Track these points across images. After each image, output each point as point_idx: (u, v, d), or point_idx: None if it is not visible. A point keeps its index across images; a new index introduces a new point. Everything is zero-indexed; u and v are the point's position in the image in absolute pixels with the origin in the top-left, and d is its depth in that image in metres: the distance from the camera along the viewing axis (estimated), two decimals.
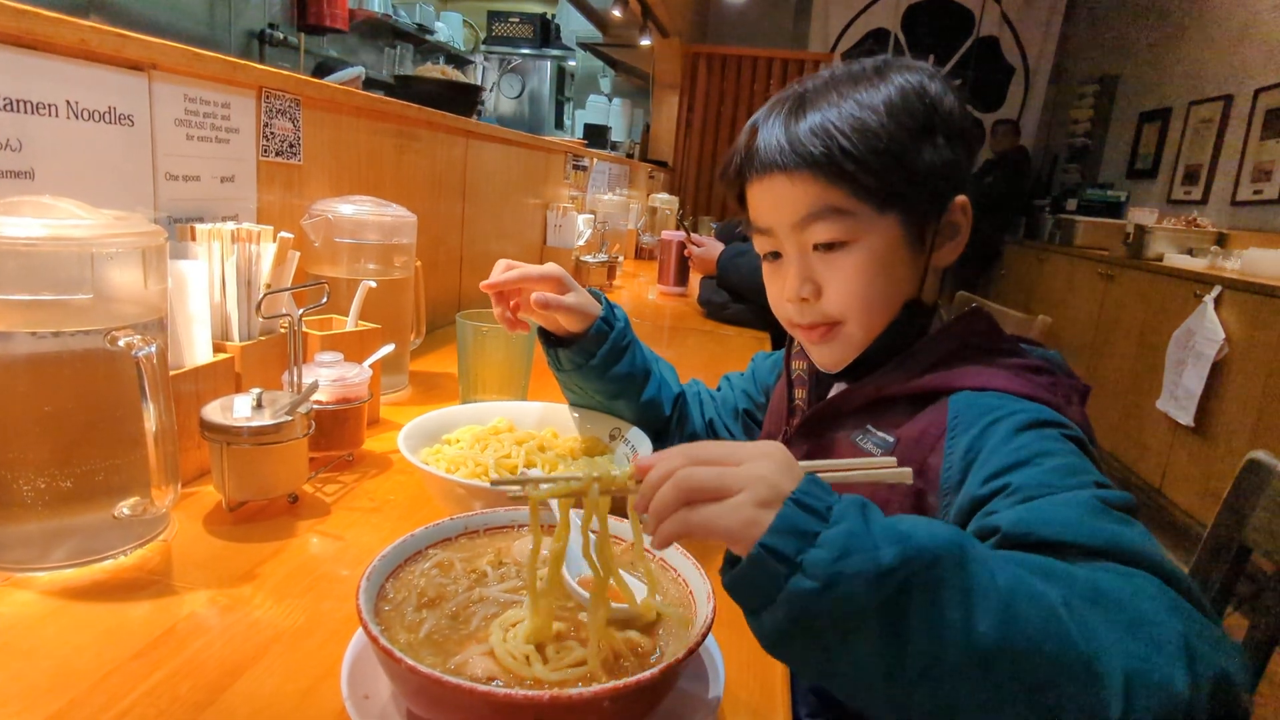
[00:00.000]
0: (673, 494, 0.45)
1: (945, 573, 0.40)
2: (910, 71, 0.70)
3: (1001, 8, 6.01)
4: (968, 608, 0.40)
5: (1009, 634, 0.39)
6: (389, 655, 0.39)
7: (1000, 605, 0.40)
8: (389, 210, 1.13)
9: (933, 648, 0.39)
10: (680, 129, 5.39)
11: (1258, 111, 3.88)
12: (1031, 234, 5.52)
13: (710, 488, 0.45)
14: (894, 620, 0.39)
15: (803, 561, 0.41)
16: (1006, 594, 0.40)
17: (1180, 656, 0.40)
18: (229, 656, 0.53)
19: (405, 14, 5.37)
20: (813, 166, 0.67)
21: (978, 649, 0.39)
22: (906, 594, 0.40)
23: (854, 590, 0.39)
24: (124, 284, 0.61)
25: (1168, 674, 0.39)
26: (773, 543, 0.41)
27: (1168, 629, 0.41)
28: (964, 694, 0.39)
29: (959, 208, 0.71)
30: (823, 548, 0.41)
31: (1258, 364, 2.71)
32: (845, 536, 0.41)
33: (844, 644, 0.40)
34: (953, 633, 0.39)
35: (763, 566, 0.41)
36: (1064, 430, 0.59)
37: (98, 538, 0.63)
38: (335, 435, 0.85)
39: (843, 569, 0.40)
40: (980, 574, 0.41)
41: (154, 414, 0.59)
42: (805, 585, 0.40)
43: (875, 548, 0.40)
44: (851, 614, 0.40)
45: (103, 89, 0.80)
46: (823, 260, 0.70)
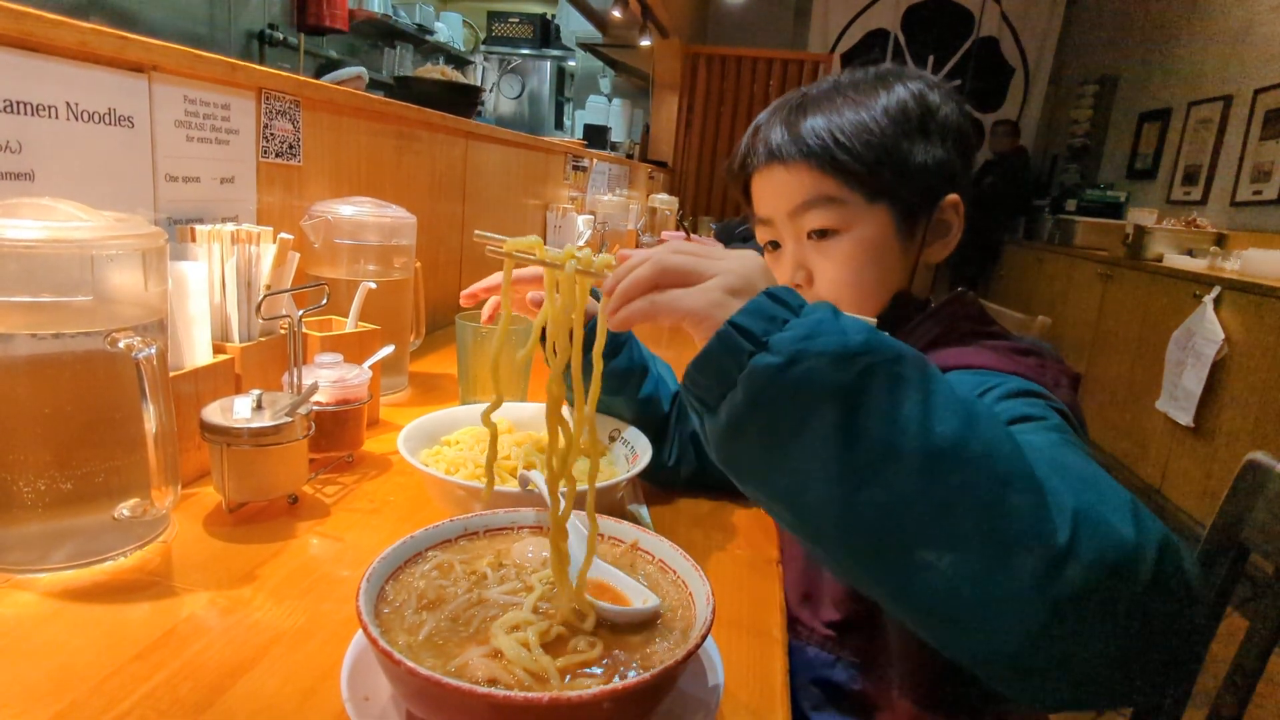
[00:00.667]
0: (646, 273, 0.46)
1: (908, 370, 0.40)
2: (912, 81, 0.75)
3: (1001, 8, 6.01)
4: (927, 406, 0.39)
5: (965, 439, 0.39)
6: (389, 657, 0.40)
7: (960, 412, 0.40)
8: (389, 211, 1.13)
9: (887, 439, 0.39)
10: (680, 129, 5.39)
11: (1257, 112, 3.88)
12: (1031, 234, 5.52)
13: (684, 270, 0.46)
14: (852, 406, 0.39)
15: (769, 340, 0.41)
16: (967, 405, 0.40)
17: (1128, 513, 0.40)
18: (229, 658, 0.53)
19: (405, 14, 5.38)
20: (808, 157, 0.72)
21: (933, 447, 0.38)
22: (868, 380, 0.39)
23: (816, 369, 0.39)
24: (124, 286, 0.62)
25: (1116, 522, 0.39)
26: (742, 321, 0.42)
27: (1117, 494, 0.42)
28: (912, 495, 0.39)
29: (950, 206, 0.75)
30: (790, 330, 0.41)
31: (1257, 364, 2.72)
32: (814, 323, 0.41)
33: (798, 430, 0.40)
34: (910, 426, 0.39)
35: (729, 342, 0.42)
36: (1049, 402, 0.59)
37: (98, 539, 0.63)
38: (335, 436, 0.85)
39: (807, 347, 0.40)
40: (943, 383, 0.41)
41: (154, 415, 0.59)
42: (768, 360, 0.40)
43: (843, 333, 0.41)
44: (811, 394, 0.39)
45: (103, 90, 0.80)
46: (816, 248, 0.74)
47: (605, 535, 0.58)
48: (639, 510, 0.80)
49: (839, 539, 0.41)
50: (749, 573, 0.72)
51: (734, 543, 0.77)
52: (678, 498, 0.86)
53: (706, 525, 0.81)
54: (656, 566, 0.55)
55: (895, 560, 0.40)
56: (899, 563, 0.40)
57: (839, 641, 0.73)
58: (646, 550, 0.56)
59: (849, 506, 0.40)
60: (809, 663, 0.73)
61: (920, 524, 0.39)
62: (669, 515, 0.82)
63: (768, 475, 0.43)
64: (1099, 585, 0.38)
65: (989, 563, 0.38)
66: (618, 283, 0.47)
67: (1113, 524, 0.39)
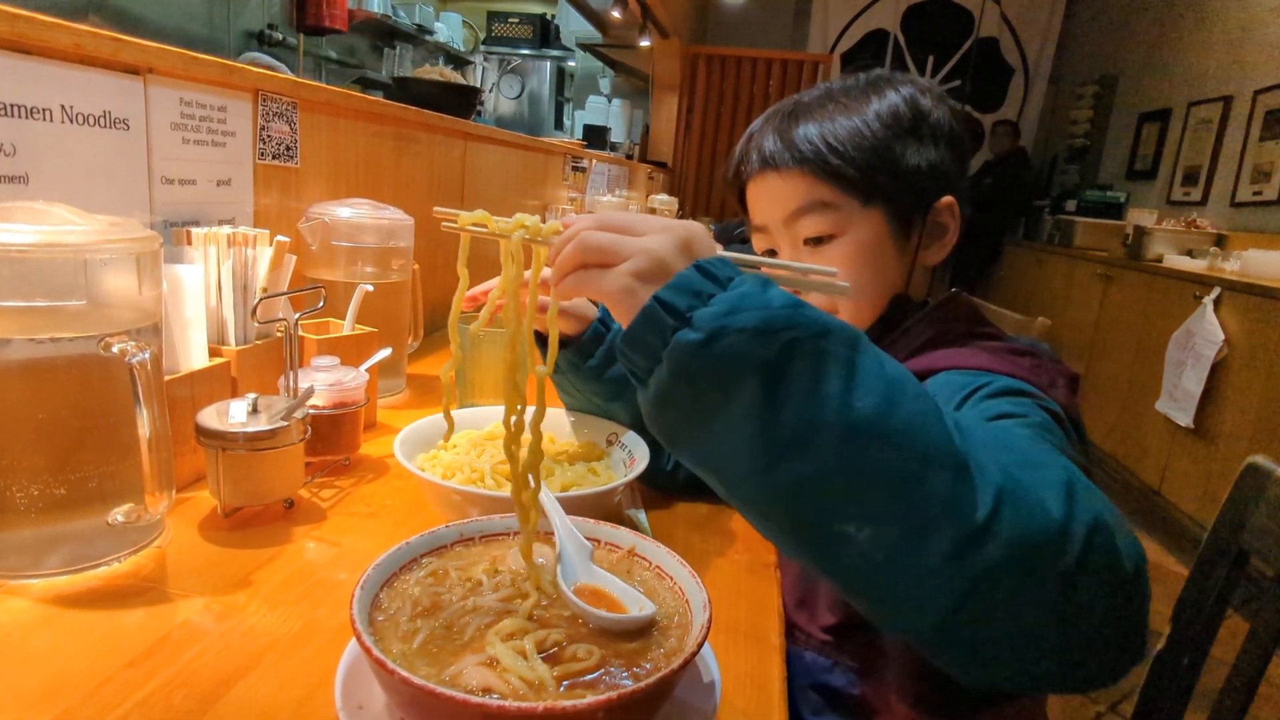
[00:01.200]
0: (572, 252, 0.48)
1: (833, 345, 0.40)
2: (904, 85, 0.75)
3: (1001, 9, 6.01)
4: (849, 382, 0.39)
5: (886, 415, 0.39)
6: (382, 666, 0.39)
7: (883, 388, 0.40)
8: (386, 213, 1.13)
9: (807, 415, 0.39)
10: (680, 130, 5.39)
11: (1257, 113, 3.88)
12: (1030, 235, 5.52)
13: (602, 249, 0.47)
14: (773, 380, 0.39)
15: (692, 316, 0.41)
16: (893, 382, 0.41)
17: (1061, 491, 0.40)
18: (223, 664, 0.52)
19: (405, 14, 5.37)
20: (802, 164, 0.72)
21: (852, 422, 0.39)
22: (789, 356, 0.39)
23: (737, 344, 0.40)
24: (118, 290, 0.61)
25: (1043, 500, 0.39)
26: (667, 296, 0.42)
27: (1052, 470, 0.41)
28: (830, 469, 0.39)
29: (946, 208, 0.75)
30: (714, 305, 0.41)
31: (1257, 365, 2.71)
32: (738, 298, 0.41)
33: (721, 404, 0.40)
34: (830, 401, 0.39)
35: (653, 319, 0.42)
36: (1039, 401, 0.59)
37: (92, 544, 0.63)
38: (332, 440, 0.85)
39: (729, 323, 0.40)
40: (870, 360, 0.41)
41: (148, 420, 0.59)
42: (690, 336, 0.41)
43: (766, 306, 0.41)
44: (732, 369, 0.40)
45: (98, 93, 0.79)
46: (812, 253, 0.75)
47: (602, 541, 0.57)
48: (637, 515, 0.80)
49: (762, 511, 0.42)
50: (747, 577, 0.71)
51: (732, 547, 0.77)
52: (676, 502, 0.85)
53: (704, 529, 0.80)
54: (653, 573, 0.54)
55: (815, 534, 0.40)
56: (819, 536, 0.40)
57: (836, 646, 0.73)
58: (643, 556, 0.56)
59: (769, 480, 0.40)
60: (807, 668, 0.73)
61: (839, 498, 0.39)
62: (667, 519, 0.82)
63: (693, 446, 0.43)
64: (1018, 563, 0.38)
65: (905, 538, 0.38)
66: (557, 254, 0.49)
67: (1040, 502, 0.39)
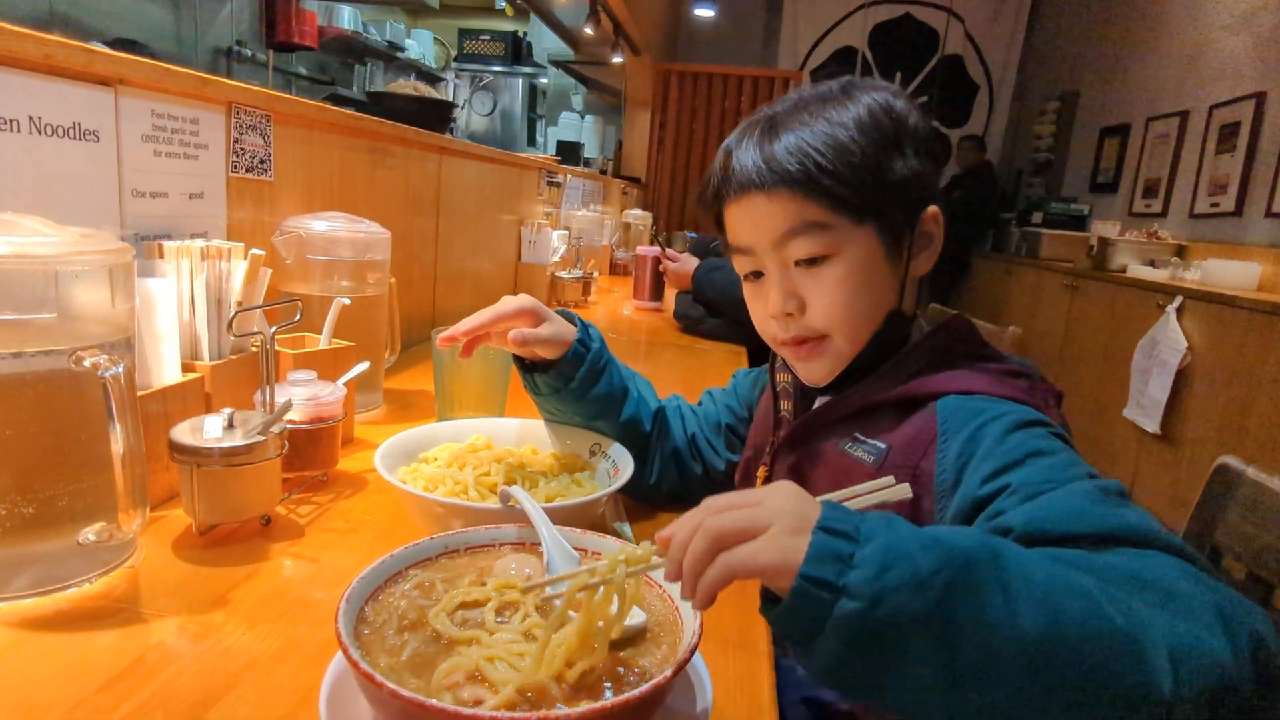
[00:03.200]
0: (704, 544, 0.45)
1: (983, 573, 0.41)
2: (876, 90, 0.73)
3: (965, 27, 6.15)
4: (1010, 604, 0.40)
5: (1054, 624, 0.40)
6: (370, 680, 0.38)
7: (1041, 597, 0.41)
8: (362, 226, 1.12)
9: (984, 646, 0.40)
10: (652, 146, 5.43)
11: (1212, 127, 4.00)
12: (999, 247, 5.62)
13: (740, 529, 0.44)
14: (943, 625, 0.40)
15: (845, 585, 0.41)
16: (1044, 587, 0.41)
17: (1218, 625, 0.41)
18: (200, 686, 0.51)
19: (375, 31, 5.37)
20: (790, 184, 0.68)
21: (1027, 642, 0.39)
22: (951, 598, 0.40)
23: (900, 603, 0.40)
24: (89, 303, 0.60)
25: (1210, 644, 0.40)
26: (812, 571, 0.41)
27: (1199, 600, 0.42)
28: (1019, 688, 0.40)
29: (931, 218, 0.73)
30: (861, 568, 0.41)
31: (1219, 371, 2.78)
32: (881, 552, 0.41)
33: (898, 659, 0.40)
34: (1001, 629, 0.40)
35: (807, 597, 0.41)
36: (1050, 429, 0.61)
37: (61, 565, 0.61)
38: (309, 455, 0.83)
39: (885, 583, 0.40)
40: (1015, 571, 0.42)
41: (121, 436, 0.57)
42: (852, 607, 0.40)
43: (911, 557, 0.41)
44: (901, 626, 0.40)
45: (67, 104, 0.78)
46: (805, 275, 0.71)
47: (589, 550, 0.57)
48: (621, 526, 0.80)
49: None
50: (734, 586, 0.71)
51: None
52: (659, 513, 0.85)
53: None
54: (642, 581, 0.54)
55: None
56: None
57: None
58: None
59: (962, 710, 0.41)
60: (796, 681, 0.72)
61: (1035, 710, 0.40)
62: (651, 530, 0.80)
63: (877, 699, 0.43)
64: (1212, 713, 0.39)
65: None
66: (678, 566, 0.46)
67: (1209, 650, 0.40)
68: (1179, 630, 0.41)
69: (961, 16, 6.13)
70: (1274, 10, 3.65)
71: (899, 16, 6.20)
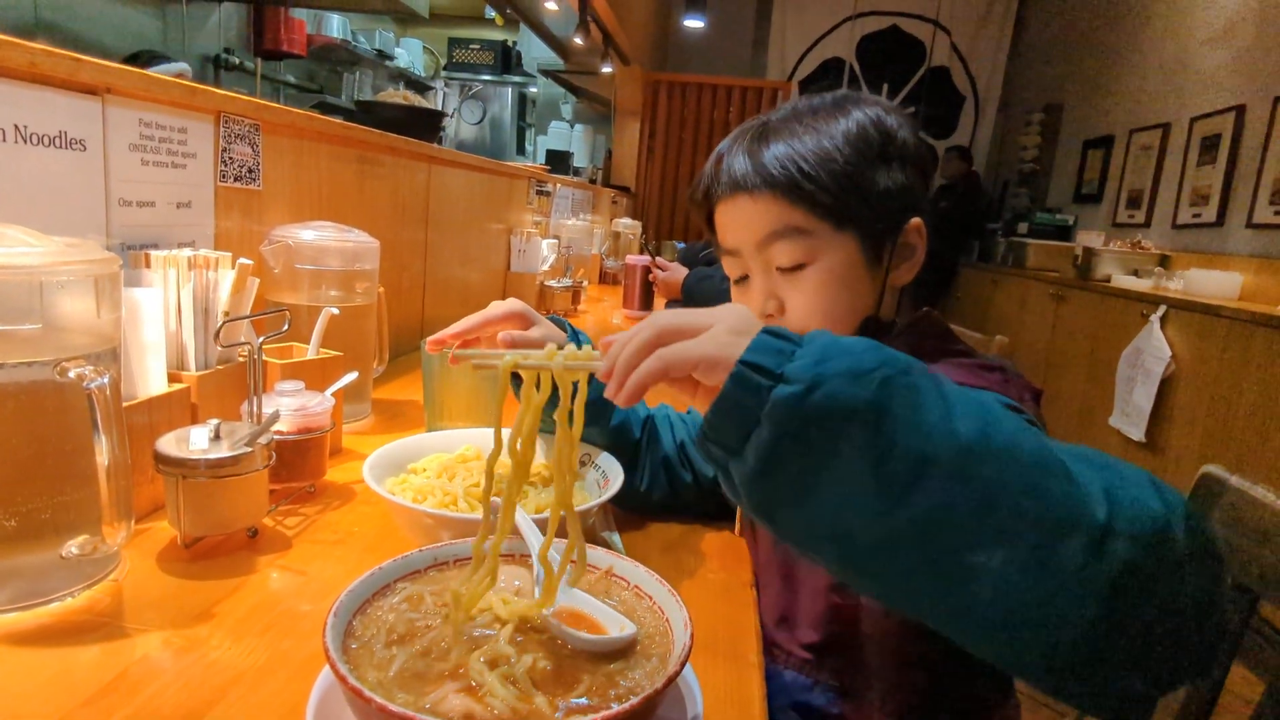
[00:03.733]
0: (645, 336, 0.46)
1: (919, 379, 0.41)
2: (869, 106, 0.75)
3: (951, 39, 6.22)
4: (946, 409, 0.40)
5: (989, 434, 0.39)
6: (359, 695, 0.38)
7: (977, 410, 0.41)
8: (351, 236, 1.11)
9: (917, 447, 0.39)
10: (642, 155, 5.44)
11: (1194, 139, 4.05)
12: (985, 257, 5.67)
13: (681, 327, 0.46)
14: (878, 417, 0.39)
15: (784, 372, 0.41)
16: (981, 403, 0.41)
17: (1150, 489, 0.41)
18: (185, 701, 0.50)
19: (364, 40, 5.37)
20: (774, 187, 0.72)
21: (961, 446, 0.39)
22: (888, 394, 0.40)
23: (837, 389, 0.40)
24: (75, 313, 0.59)
25: (1144, 497, 0.40)
26: (752, 358, 0.42)
27: (1131, 470, 0.42)
28: (952, 497, 0.39)
29: (914, 229, 0.76)
30: (800, 359, 0.42)
31: (1203, 380, 2.81)
32: (822, 347, 0.42)
33: (830, 456, 0.40)
34: (936, 432, 0.39)
35: (744, 383, 0.42)
36: (1024, 416, 0.61)
37: (43, 579, 0.60)
38: (297, 466, 0.83)
39: (823, 370, 0.40)
40: (952, 387, 0.42)
41: (106, 447, 0.57)
42: (789, 390, 0.40)
43: (852, 352, 0.41)
44: (836, 416, 0.40)
45: (53, 113, 0.77)
46: (786, 279, 0.74)
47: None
48: (611, 537, 0.79)
49: (889, 562, 0.41)
50: (723, 597, 0.71)
51: (706, 567, 0.77)
52: (649, 523, 0.85)
53: (679, 550, 0.80)
54: (632, 592, 0.54)
55: (947, 571, 0.39)
56: (951, 573, 0.39)
57: (817, 664, 0.73)
58: (621, 576, 0.55)
59: (891, 523, 0.39)
60: (786, 687, 0.72)
61: (965, 526, 0.39)
62: (641, 540, 0.81)
63: (804, 508, 0.42)
64: (1144, 559, 0.38)
65: (1038, 551, 0.38)
66: (614, 363, 0.47)
67: (1141, 499, 0.40)
68: (1110, 478, 0.40)
69: (948, 29, 6.20)
70: (1252, 24, 3.71)
71: (886, 28, 6.26)
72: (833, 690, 0.71)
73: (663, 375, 0.45)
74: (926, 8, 6.18)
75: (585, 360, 0.49)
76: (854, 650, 0.71)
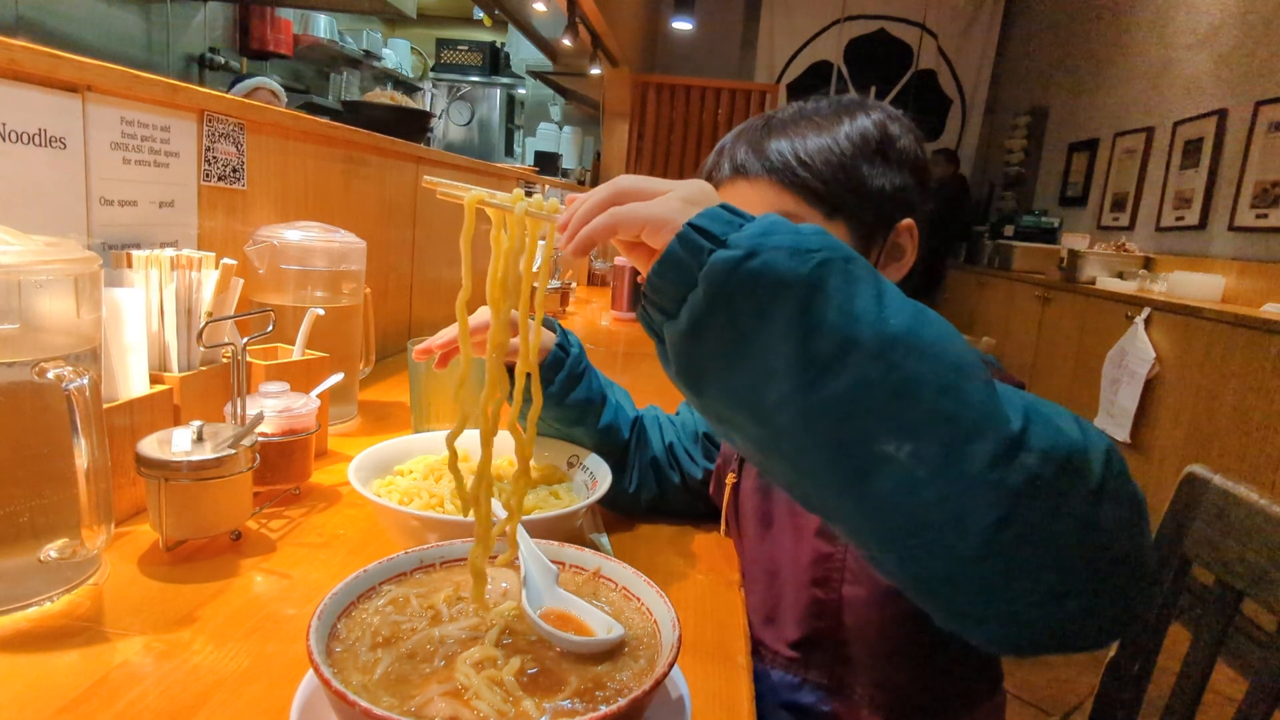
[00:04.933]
0: (602, 195, 0.47)
1: (860, 269, 0.42)
2: (875, 111, 0.78)
3: (938, 43, 6.26)
4: (880, 301, 0.41)
5: (917, 331, 0.40)
6: (342, 699, 0.38)
7: (910, 308, 0.42)
8: (337, 236, 1.10)
9: (844, 328, 0.39)
10: (630, 157, 5.44)
11: (1177, 143, 4.09)
12: (971, 259, 5.70)
13: (639, 188, 0.47)
14: (809, 296, 0.40)
15: (726, 237, 0.42)
16: (916, 304, 0.42)
17: (1072, 421, 0.42)
18: (166, 707, 0.50)
19: (352, 40, 5.34)
20: (771, 173, 0.75)
21: (887, 335, 0.39)
22: (824, 272, 0.40)
23: (774, 260, 0.40)
24: (54, 313, 0.58)
25: (1058, 423, 0.41)
26: (701, 222, 0.43)
27: (1057, 406, 0.43)
28: (870, 381, 0.39)
29: (905, 230, 0.78)
30: (747, 230, 0.43)
31: (1187, 381, 2.84)
32: (770, 223, 0.43)
33: (758, 322, 0.41)
34: (865, 316, 0.40)
35: (689, 242, 0.43)
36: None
37: (21, 583, 0.59)
38: (281, 468, 0.82)
39: (764, 241, 0.41)
40: (891, 285, 0.43)
41: (86, 450, 0.56)
42: (728, 254, 0.41)
43: (797, 231, 0.42)
44: (769, 284, 0.40)
45: (33, 110, 0.76)
46: None
47: (567, 564, 0.56)
48: (599, 538, 0.79)
49: (801, 438, 0.41)
50: (710, 598, 0.71)
51: (694, 568, 0.76)
52: (638, 524, 0.85)
53: (667, 551, 0.80)
54: (620, 594, 0.54)
55: (856, 456, 0.40)
56: (859, 459, 0.40)
57: (804, 662, 0.73)
58: (609, 578, 0.55)
59: (810, 399, 0.40)
60: (774, 687, 0.72)
61: (879, 412, 0.39)
62: (629, 542, 0.81)
63: (728, 377, 0.43)
64: (1052, 477, 0.39)
65: (947, 448, 0.38)
66: (571, 215, 0.48)
67: (1059, 425, 0.40)
68: (1035, 403, 0.41)
69: (935, 33, 6.23)
70: (1234, 29, 3.76)
71: (873, 32, 6.29)
72: (821, 688, 0.71)
73: (612, 232, 0.46)
74: (913, 11, 6.21)
75: (547, 210, 0.51)
76: (839, 646, 0.71)
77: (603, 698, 0.43)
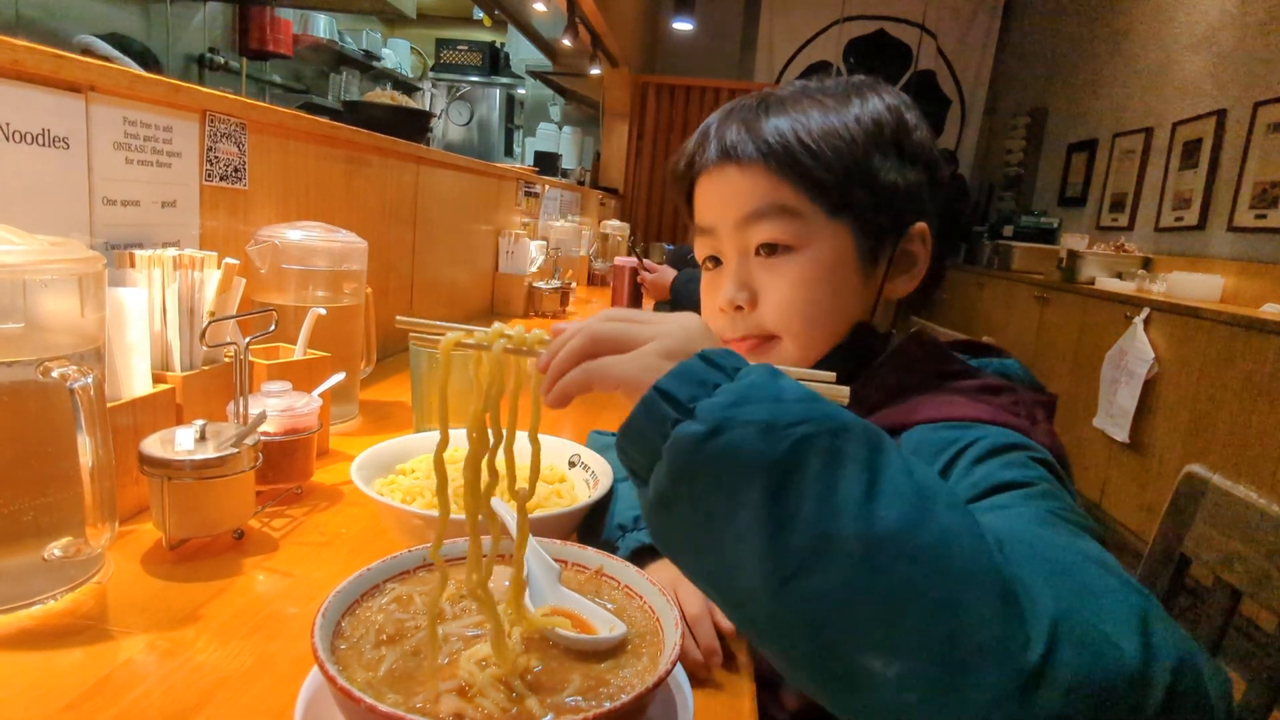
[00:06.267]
0: (578, 343, 0.43)
1: (851, 445, 0.35)
2: (889, 95, 0.68)
3: (937, 43, 6.26)
4: (871, 488, 0.34)
5: (914, 528, 0.33)
6: (348, 695, 0.38)
7: (911, 495, 0.34)
8: (338, 236, 1.11)
9: (821, 523, 0.33)
10: (630, 157, 5.45)
11: (1176, 143, 4.10)
12: (971, 259, 5.71)
13: (618, 339, 0.43)
14: (782, 482, 0.34)
15: (695, 407, 0.37)
16: (922, 491, 0.34)
17: (1132, 625, 0.32)
18: (170, 705, 0.50)
19: (351, 40, 5.34)
20: (767, 158, 0.63)
21: (874, 535, 0.33)
22: (801, 455, 0.34)
23: (741, 439, 0.35)
24: (58, 313, 0.59)
25: (1111, 634, 0.32)
26: (667, 385, 0.38)
27: (1120, 599, 0.34)
28: (851, 589, 0.32)
29: (918, 235, 0.68)
30: (719, 396, 0.37)
31: (1185, 381, 2.84)
32: (746, 388, 0.37)
33: (726, 509, 0.35)
34: (847, 508, 0.33)
35: (653, 410, 0.38)
36: (1031, 453, 0.54)
37: (25, 582, 0.59)
38: (283, 467, 0.82)
39: (734, 415, 0.35)
40: (894, 462, 0.35)
41: (90, 448, 0.56)
42: (692, 429, 0.36)
43: (777, 400, 0.36)
44: (736, 468, 0.35)
45: (36, 110, 0.77)
46: (763, 265, 0.66)
47: (569, 562, 0.57)
48: None
49: (774, 637, 0.36)
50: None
51: None
52: None
53: None
54: (623, 592, 0.54)
55: (836, 667, 0.34)
56: (840, 670, 0.34)
57: None
58: (612, 576, 0.55)
59: (780, 599, 0.34)
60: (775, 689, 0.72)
61: (862, 625, 0.33)
62: None
63: (696, 557, 0.38)
64: (1082, 715, 0.30)
65: (942, 677, 0.31)
66: (552, 358, 0.44)
67: (1107, 638, 0.32)
68: (1075, 606, 0.32)
69: (934, 33, 6.24)
70: (1233, 30, 3.76)
71: (873, 32, 6.29)
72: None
73: (586, 389, 0.43)
74: (913, 12, 6.22)
75: (528, 348, 0.46)
76: None
77: (605, 695, 0.43)
